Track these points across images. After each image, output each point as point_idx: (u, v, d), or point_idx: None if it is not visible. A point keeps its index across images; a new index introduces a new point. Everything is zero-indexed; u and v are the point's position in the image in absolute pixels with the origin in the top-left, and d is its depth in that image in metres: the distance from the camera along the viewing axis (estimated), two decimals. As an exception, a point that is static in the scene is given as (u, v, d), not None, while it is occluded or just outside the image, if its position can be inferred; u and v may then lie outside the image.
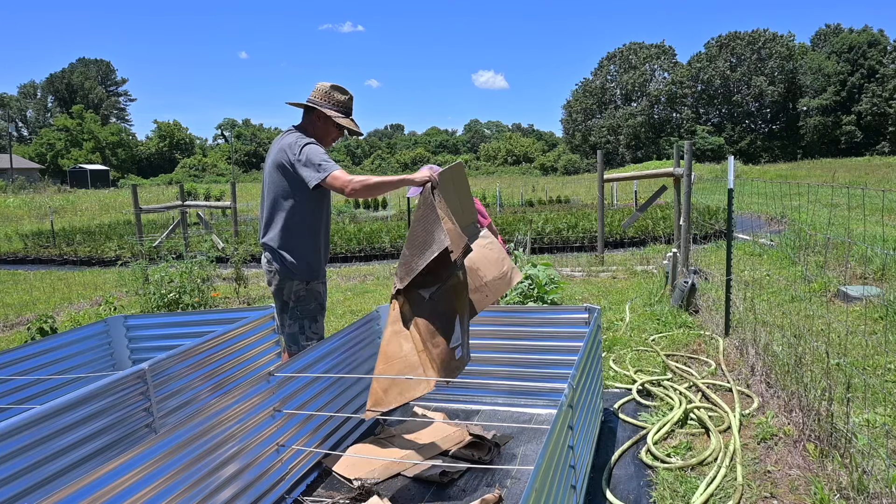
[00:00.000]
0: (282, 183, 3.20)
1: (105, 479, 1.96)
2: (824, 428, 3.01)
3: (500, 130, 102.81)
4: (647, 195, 10.84)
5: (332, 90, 3.30)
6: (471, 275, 3.02)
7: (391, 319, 2.81)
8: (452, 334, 2.80)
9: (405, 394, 2.72)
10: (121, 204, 29.70)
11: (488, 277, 3.10)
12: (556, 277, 6.41)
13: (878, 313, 5.55)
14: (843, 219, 10.94)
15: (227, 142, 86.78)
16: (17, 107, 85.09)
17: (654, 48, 72.88)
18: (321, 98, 3.30)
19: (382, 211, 24.77)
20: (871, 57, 62.46)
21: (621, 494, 2.84)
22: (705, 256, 8.93)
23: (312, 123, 3.32)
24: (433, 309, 2.79)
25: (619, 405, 3.87)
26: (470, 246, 3.04)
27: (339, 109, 3.31)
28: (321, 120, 3.30)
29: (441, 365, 2.72)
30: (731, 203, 4.99)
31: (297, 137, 3.20)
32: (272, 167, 3.25)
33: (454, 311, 2.82)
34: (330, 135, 3.34)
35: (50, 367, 3.68)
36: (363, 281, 9.18)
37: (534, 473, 1.68)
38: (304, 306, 3.32)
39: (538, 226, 13.35)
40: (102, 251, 13.60)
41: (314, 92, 3.32)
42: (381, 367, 2.76)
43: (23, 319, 7.28)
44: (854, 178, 27.17)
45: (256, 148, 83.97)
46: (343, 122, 3.29)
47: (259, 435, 2.70)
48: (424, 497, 2.84)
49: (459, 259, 2.87)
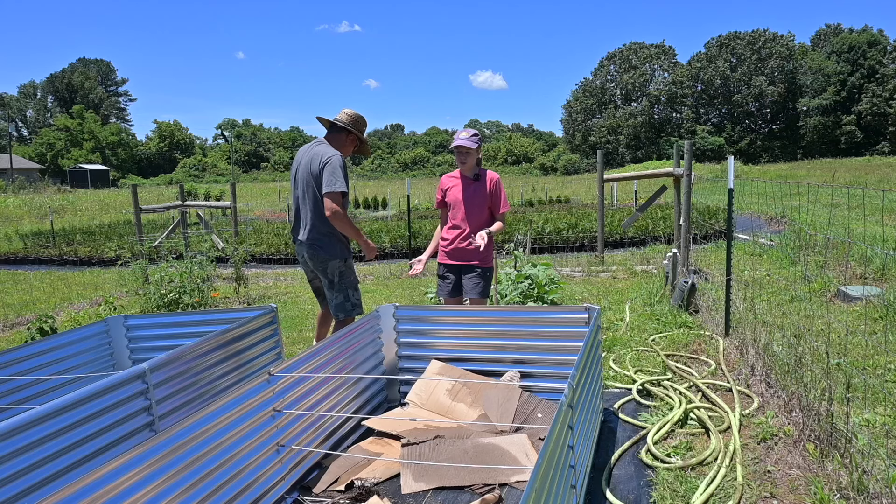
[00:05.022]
0: (318, 182, 4.01)
1: (105, 479, 1.96)
2: (824, 428, 3.01)
3: (500, 130, 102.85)
4: (647, 195, 10.85)
5: (360, 118, 4.23)
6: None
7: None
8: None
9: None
10: (121, 204, 29.71)
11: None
12: (556, 277, 6.42)
13: (878, 313, 5.55)
14: (843, 219, 10.94)
15: (227, 142, 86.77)
16: (17, 107, 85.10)
17: (654, 48, 72.90)
18: (351, 122, 4.17)
19: (382, 211, 24.79)
20: (871, 57, 62.48)
21: (621, 494, 2.84)
22: (705, 256, 8.93)
23: (338, 139, 4.16)
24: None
25: (619, 405, 3.87)
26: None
27: (361, 132, 4.25)
28: (348, 138, 4.19)
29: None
30: (731, 203, 4.99)
31: (327, 148, 4.07)
32: (307, 170, 4.07)
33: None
34: (349, 151, 4.25)
35: (50, 367, 3.68)
36: (363, 281, 9.18)
37: (534, 473, 1.68)
38: (345, 279, 4.17)
39: (538, 226, 13.35)
40: (102, 251, 13.59)
41: (344, 115, 4.18)
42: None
43: (23, 319, 7.27)
44: (854, 178, 27.18)
45: (256, 148, 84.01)
46: (366, 145, 4.33)
47: (259, 435, 2.70)
48: (424, 497, 2.84)
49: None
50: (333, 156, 3.97)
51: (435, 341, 3.88)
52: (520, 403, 3.53)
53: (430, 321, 3.90)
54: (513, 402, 3.53)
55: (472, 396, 3.66)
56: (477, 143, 4.19)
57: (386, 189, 33.62)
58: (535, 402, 3.59)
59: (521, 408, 3.51)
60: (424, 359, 3.91)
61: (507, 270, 6.28)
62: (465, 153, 4.17)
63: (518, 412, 3.48)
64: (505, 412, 3.48)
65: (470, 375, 3.77)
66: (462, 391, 3.68)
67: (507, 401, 3.54)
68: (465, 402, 3.63)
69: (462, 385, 3.70)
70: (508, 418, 3.44)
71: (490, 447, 3.16)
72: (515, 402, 3.53)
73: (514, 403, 3.52)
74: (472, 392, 3.68)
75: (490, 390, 3.64)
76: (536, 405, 3.56)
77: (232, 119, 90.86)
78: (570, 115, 75.54)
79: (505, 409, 3.50)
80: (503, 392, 3.60)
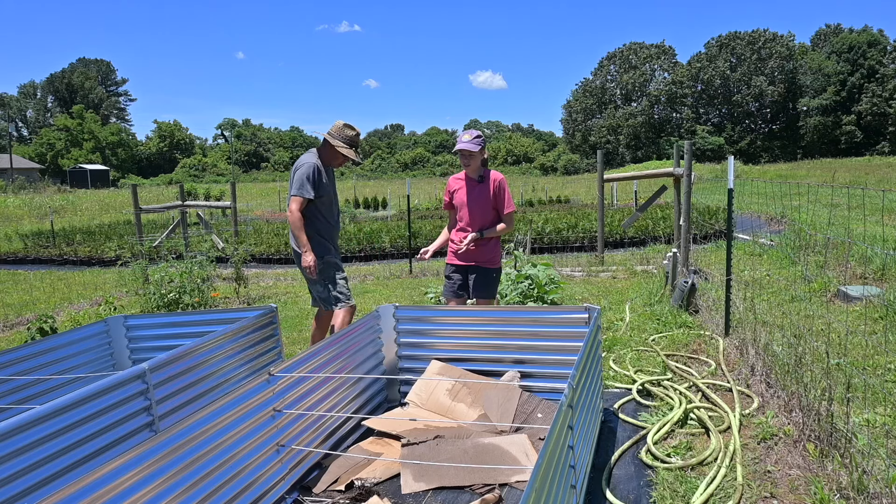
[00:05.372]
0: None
1: (105, 479, 1.96)
2: (824, 428, 3.01)
3: (500, 130, 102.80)
4: (647, 195, 10.84)
5: (344, 127, 4.32)
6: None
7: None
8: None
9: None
10: (121, 204, 29.71)
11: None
12: (556, 277, 6.42)
13: (878, 313, 5.55)
14: (843, 219, 10.94)
15: (227, 142, 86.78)
16: (17, 107, 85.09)
17: (654, 48, 72.89)
18: (335, 131, 4.31)
19: (382, 211, 24.79)
20: (871, 57, 62.48)
21: (621, 494, 2.84)
22: (705, 256, 8.93)
23: (325, 149, 4.33)
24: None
25: (619, 405, 3.87)
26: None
27: (345, 141, 4.30)
28: (329, 148, 4.30)
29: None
30: (731, 203, 4.99)
31: (307, 155, 4.29)
32: (291, 176, 4.32)
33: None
34: (336, 159, 4.34)
35: (50, 367, 3.68)
36: (363, 281, 9.18)
37: (534, 473, 1.68)
38: (322, 274, 4.37)
39: (538, 226, 13.36)
40: (102, 251, 13.59)
41: (332, 127, 4.34)
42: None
43: (23, 319, 7.27)
44: (854, 178, 27.17)
45: (256, 148, 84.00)
46: (344, 152, 4.28)
47: (259, 435, 2.70)
48: (424, 497, 2.84)
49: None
50: (304, 164, 4.21)
51: (435, 341, 3.88)
52: (520, 403, 3.53)
53: (430, 321, 3.90)
54: (513, 402, 3.53)
55: (472, 396, 3.66)
56: (480, 145, 4.20)
57: (386, 189, 33.63)
58: (535, 402, 3.59)
59: (521, 408, 3.51)
60: (424, 359, 3.91)
61: (507, 270, 6.28)
62: (469, 156, 4.18)
63: (518, 412, 3.48)
64: (505, 412, 3.48)
65: (470, 375, 3.77)
66: (462, 391, 3.68)
67: (507, 401, 3.54)
68: (465, 402, 3.63)
69: (462, 385, 3.70)
70: (508, 418, 3.44)
71: (490, 447, 3.16)
72: (515, 402, 3.53)
73: (514, 403, 3.52)
74: (472, 392, 3.68)
75: (490, 390, 3.64)
76: (536, 405, 3.56)
77: (232, 119, 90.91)
78: (570, 115, 75.53)
79: (505, 409, 3.50)
80: (503, 392, 3.60)
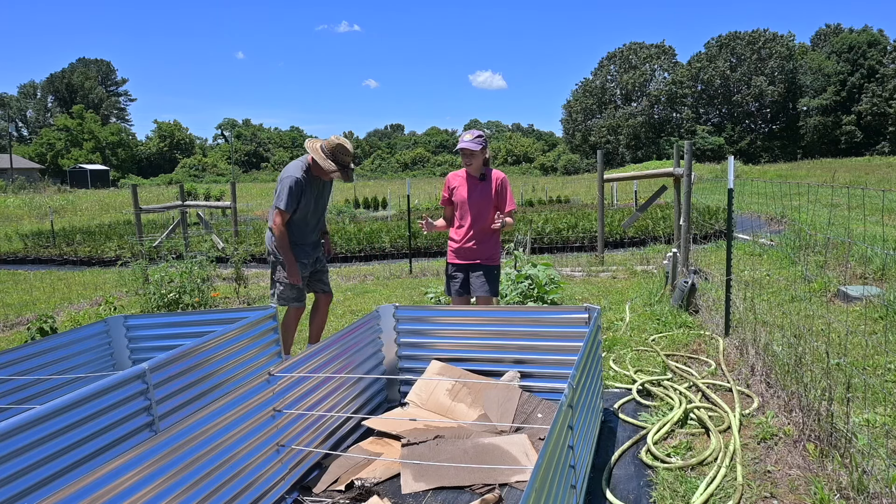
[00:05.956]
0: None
1: (105, 479, 1.96)
2: (824, 428, 3.01)
3: (500, 130, 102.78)
4: (647, 195, 10.85)
5: (338, 145, 4.35)
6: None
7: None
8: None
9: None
10: (121, 204, 29.71)
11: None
12: (556, 277, 6.41)
13: (878, 313, 5.55)
14: (843, 219, 10.94)
15: (227, 142, 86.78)
16: (17, 107, 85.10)
17: (654, 48, 72.90)
18: (327, 146, 4.36)
19: (382, 211, 24.78)
20: (871, 57, 62.48)
21: (621, 494, 2.84)
22: (705, 256, 8.93)
23: (316, 164, 4.38)
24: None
25: (619, 405, 3.87)
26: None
27: (333, 159, 4.35)
28: (315, 163, 4.37)
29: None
30: (731, 203, 4.99)
31: (292, 170, 4.35)
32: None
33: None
34: (326, 173, 4.41)
35: (50, 367, 3.68)
36: (363, 281, 9.19)
37: (534, 473, 1.68)
38: (274, 275, 4.57)
39: (538, 226, 13.35)
40: (102, 251, 13.60)
41: (326, 141, 4.41)
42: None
43: (23, 319, 7.27)
44: (854, 178, 27.17)
45: (256, 148, 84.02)
46: (327, 168, 4.32)
47: (259, 435, 2.70)
48: (424, 497, 2.84)
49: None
50: (287, 176, 4.30)
51: (435, 341, 3.88)
52: (520, 403, 3.53)
53: (430, 321, 3.90)
54: (513, 402, 3.53)
55: (472, 396, 3.66)
56: (481, 145, 4.20)
57: (386, 189, 33.61)
58: (535, 402, 3.59)
59: (521, 408, 3.51)
60: (424, 359, 3.91)
61: (508, 270, 6.28)
62: (470, 155, 4.19)
63: (518, 412, 3.48)
64: (505, 412, 3.48)
65: (470, 375, 3.77)
66: (462, 391, 3.68)
67: (507, 401, 3.54)
68: (465, 403, 3.63)
69: (462, 385, 3.70)
70: (508, 418, 3.44)
71: (490, 447, 3.16)
72: (515, 402, 3.53)
73: (514, 403, 3.52)
74: (472, 392, 3.68)
75: (490, 390, 3.64)
76: (536, 405, 3.56)
77: (232, 119, 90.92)
78: (570, 115, 75.53)
79: (505, 409, 3.50)
80: (503, 392, 3.60)
